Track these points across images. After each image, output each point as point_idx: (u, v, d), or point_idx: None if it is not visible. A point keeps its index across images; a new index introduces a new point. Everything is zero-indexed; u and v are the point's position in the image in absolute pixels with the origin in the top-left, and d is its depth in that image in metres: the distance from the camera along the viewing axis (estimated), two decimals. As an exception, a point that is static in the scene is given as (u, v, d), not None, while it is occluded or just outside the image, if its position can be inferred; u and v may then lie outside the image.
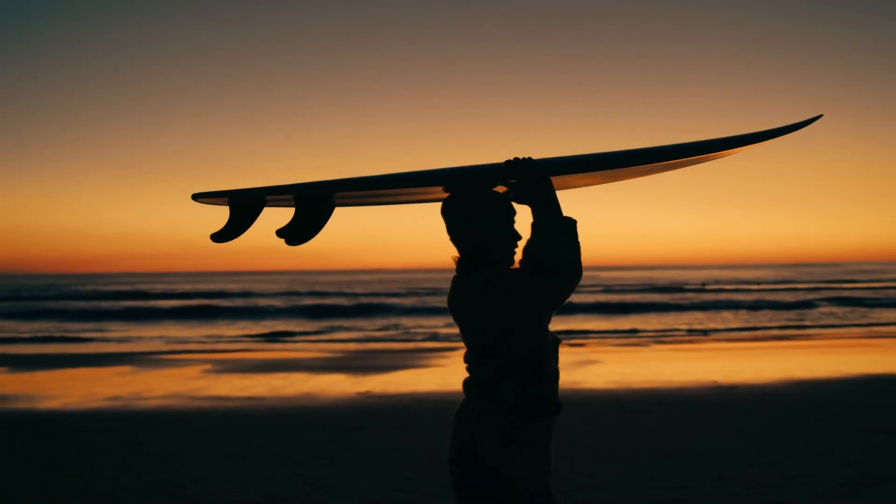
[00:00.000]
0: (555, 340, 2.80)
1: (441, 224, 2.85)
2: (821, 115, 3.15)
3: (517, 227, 2.85)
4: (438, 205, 2.90)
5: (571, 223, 2.67)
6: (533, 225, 2.71)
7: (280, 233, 2.87)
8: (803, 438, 7.89)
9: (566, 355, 16.76)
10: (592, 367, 14.45)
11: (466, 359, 2.80)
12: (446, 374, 13.62)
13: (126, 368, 15.16)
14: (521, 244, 2.82)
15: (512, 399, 2.68)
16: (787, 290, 50.57)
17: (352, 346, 21.21)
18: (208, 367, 15.25)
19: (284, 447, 7.89)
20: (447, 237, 2.88)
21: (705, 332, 24.87)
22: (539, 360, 2.70)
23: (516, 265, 2.84)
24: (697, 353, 17.39)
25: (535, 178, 2.70)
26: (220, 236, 2.93)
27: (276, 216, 2.97)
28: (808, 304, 36.99)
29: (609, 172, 2.99)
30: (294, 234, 2.88)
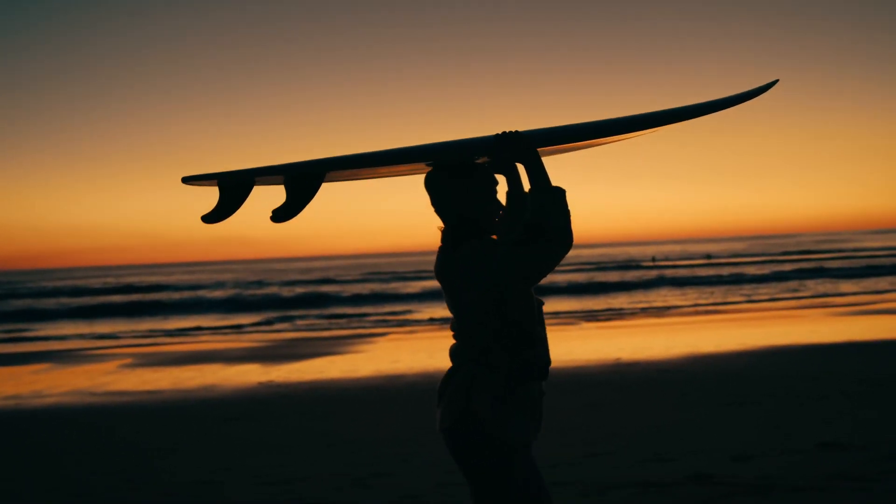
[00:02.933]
0: (539, 305, 2.86)
1: (411, 200, 2.94)
2: (776, 81, 3.22)
3: (499, 197, 2.91)
4: (408, 180, 3.03)
5: (560, 192, 2.74)
6: (510, 195, 2.88)
7: (275, 214, 2.94)
8: (650, 414, 8.07)
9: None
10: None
11: (454, 327, 2.86)
12: (360, 361, 13.67)
13: (44, 366, 15.10)
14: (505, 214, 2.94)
15: (504, 364, 2.74)
16: (733, 265, 51.03)
17: (282, 335, 21.17)
18: (127, 361, 15.22)
19: (139, 439, 8.07)
20: (431, 210, 2.92)
21: (643, 310, 25.08)
22: (529, 326, 2.77)
23: (500, 235, 2.94)
24: (621, 331, 17.56)
25: (523, 150, 2.79)
26: (210, 217, 2.99)
27: (263, 197, 3.07)
28: (750, 278, 37.40)
29: (589, 143, 3.15)
30: (284, 212, 2.95)
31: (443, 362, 12.78)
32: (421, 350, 15.01)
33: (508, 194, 2.97)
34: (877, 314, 18.82)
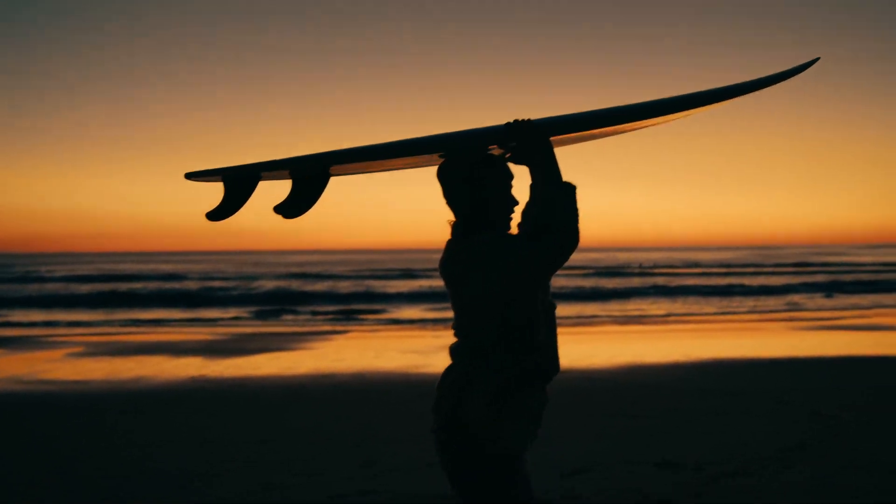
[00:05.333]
0: (550, 307, 2.77)
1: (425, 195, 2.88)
2: (818, 59, 3.05)
3: (514, 192, 2.82)
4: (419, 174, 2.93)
5: (571, 188, 2.66)
6: (532, 188, 2.68)
7: (279, 209, 2.88)
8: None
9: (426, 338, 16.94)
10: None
11: (455, 324, 2.78)
12: (303, 358, 13.69)
13: (-6, 351, 15.16)
14: (519, 209, 2.80)
15: (502, 365, 2.66)
16: (714, 275, 50.92)
17: (243, 329, 21.15)
18: (77, 350, 15.23)
19: (35, 427, 8.13)
20: (443, 202, 2.83)
21: (613, 318, 25.05)
22: (531, 328, 2.68)
23: (514, 230, 2.81)
24: (580, 338, 17.55)
25: (537, 140, 2.68)
26: (215, 214, 2.90)
27: (270, 191, 2.97)
28: (725, 290, 37.35)
29: (607, 131, 2.96)
30: (291, 208, 2.88)
31: (388, 363, 12.83)
32: (370, 349, 15.02)
33: (532, 187, 2.74)
34: (836, 330, 18.75)
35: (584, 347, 14.95)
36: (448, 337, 14.73)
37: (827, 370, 11.38)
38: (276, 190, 2.95)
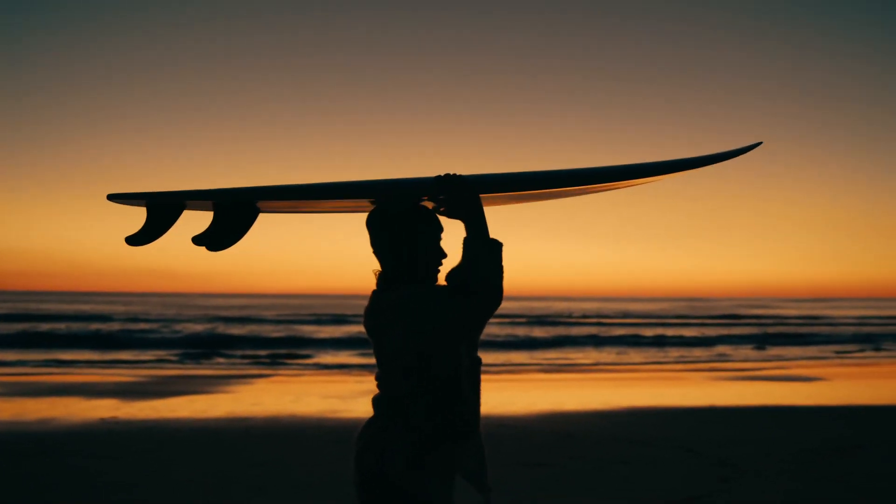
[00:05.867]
0: (476, 362, 2.71)
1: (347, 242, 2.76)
2: (760, 143, 3.05)
3: (443, 244, 2.78)
4: (334, 219, 2.83)
5: (497, 245, 2.61)
6: (464, 239, 2.63)
7: (197, 240, 2.77)
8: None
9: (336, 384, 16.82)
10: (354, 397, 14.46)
11: (378, 377, 2.73)
12: (220, 401, 13.50)
13: None
14: (447, 261, 2.76)
15: (421, 421, 2.61)
16: (644, 325, 51.46)
17: (165, 371, 20.83)
18: (-13, 390, 14.86)
19: None
20: (370, 250, 2.79)
21: (537, 366, 25.11)
22: (454, 383, 2.63)
23: (441, 282, 2.76)
24: (502, 385, 17.53)
25: (464, 196, 2.63)
26: (135, 239, 2.82)
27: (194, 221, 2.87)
28: (653, 341, 37.72)
29: (538, 193, 2.94)
30: (214, 240, 2.78)
31: (305, 407, 12.70)
32: (289, 393, 14.86)
33: (465, 241, 2.69)
34: (755, 381, 18.98)
35: (503, 395, 14.94)
36: (370, 382, 14.71)
37: (741, 420, 11.52)
38: (203, 224, 2.87)
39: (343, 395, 14.64)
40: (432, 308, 2.58)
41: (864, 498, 6.90)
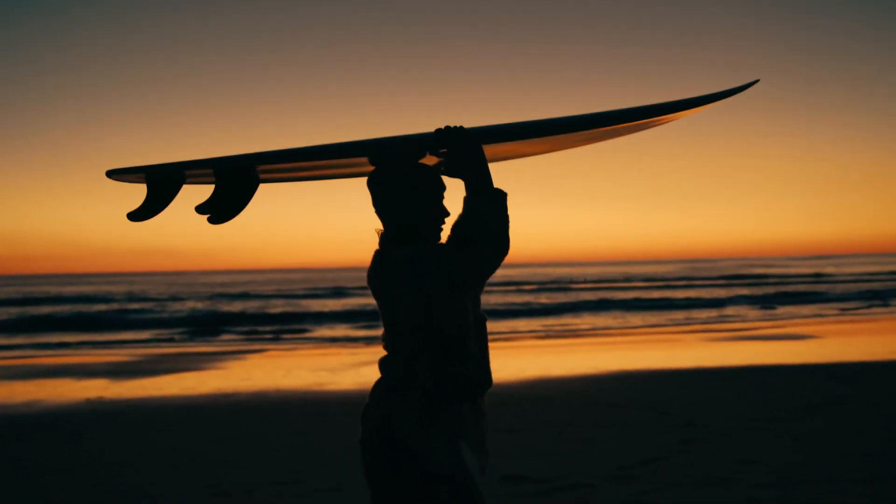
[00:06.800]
0: (480, 319, 2.69)
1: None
2: (757, 80, 3.01)
3: (446, 202, 2.73)
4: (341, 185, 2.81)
5: (502, 195, 2.57)
6: (465, 196, 2.59)
7: (200, 209, 2.73)
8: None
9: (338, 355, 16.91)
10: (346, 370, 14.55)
11: (384, 337, 2.70)
12: (210, 378, 13.58)
13: None
14: (450, 220, 2.71)
15: (429, 379, 2.59)
16: (645, 288, 51.48)
17: (157, 350, 20.92)
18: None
19: None
20: (372, 211, 2.75)
21: (533, 332, 25.19)
22: (460, 340, 2.61)
23: (443, 240, 2.71)
24: (492, 354, 17.56)
25: (467, 147, 2.58)
26: (137, 215, 2.79)
27: (196, 193, 2.84)
28: (653, 304, 37.78)
29: (543, 141, 2.87)
30: (216, 210, 2.75)
31: (294, 381, 12.78)
32: (281, 368, 14.94)
33: (469, 193, 2.63)
34: (749, 340, 19.02)
35: (494, 363, 14.98)
36: (364, 354, 14.82)
37: (722, 381, 11.58)
38: (204, 197, 2.84)
39: (333, 367, 14.72)
40: (439, 265, 2.55)
41: (815, 454, 6.96)
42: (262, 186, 2.86)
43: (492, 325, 28.33)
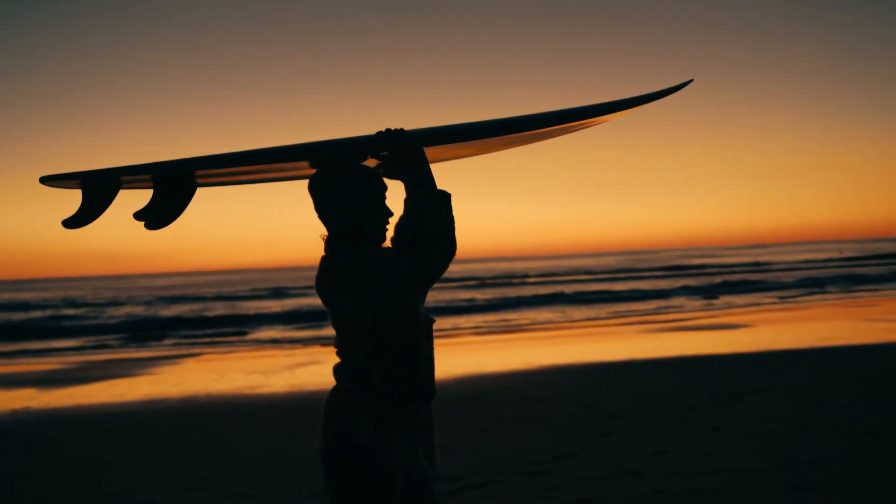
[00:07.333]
0: (428, 321, 2.69)
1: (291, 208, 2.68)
2: (691, 80, 3.03)
3: (388, 203, 2.73)
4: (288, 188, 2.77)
5: (446, 197, 2.59)
6: (407, 199, 2.59)
7: (138, 215, 2.68)
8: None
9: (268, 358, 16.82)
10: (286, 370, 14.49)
11: (336, 343, 2.69)
12: (141, 385, 13.43)
13: None
14: (394, 221, 2.71)
15: (384, 382, 2.59)
16: (585, 281, 51.83)
17: (93, 357, 20.65)
18: None
19: None
20: (315, 215, 2.73)
21: (476, 329, 25.24)
22: (412, 342, 2.62)
23: (388, 243, 2.73)
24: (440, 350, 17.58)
25: (408, 150, 2.59)
26: (72, 222, 2.73)
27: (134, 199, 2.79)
28: (594, 297, 38.05)
29: (482, 143, 2.89)
30: (154, 216, 2.70)
31: (227, 384, 12.69)
32: (214, 372, 14.84)
33: (406, 201, 2.68)
34: (684, 331, 19.22)
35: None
36: (301, 355, 14.72)
37: (651, 372, 11.72)
38: (141, 202, 2.82)
39: (267, 370, 14.64)
40: (385, 269, 2.56)
41: (728, 443, 7.07)
42: (205, 188, 2.87)
43: (435, 322, 28.19)
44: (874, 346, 13.69)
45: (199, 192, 2.87)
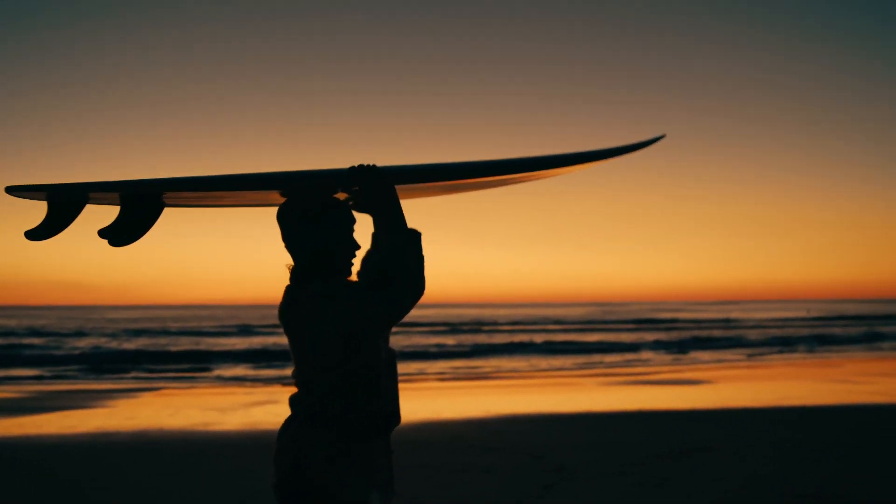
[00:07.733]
0: (391, 356, 2.69)
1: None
2: (663, 136, 3.07)
3: (356, 236, 2.72)
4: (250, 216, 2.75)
5: (416, 235, 2.59)
6: (375, 236, 2.61)
7: (103, 233, 2.64)
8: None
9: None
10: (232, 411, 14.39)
11: (295, 374, 2.66)
12: (92, 418, 13.29)
13: None
14: (360, 254, 2.71)
15: (340, 417, 2.57)
16: (554, 331, 51.81)
17: (50, 387, 20.43)
18: None
19: None
20: (281, 245, 2.71)
21: (440, 375, 25.17)
22: (374, 377, 2.60)
23: (353, 277, 2.73)
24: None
25: (380, 186, 2.58)
26: (35, 234, 2.65)
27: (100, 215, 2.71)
28: (562, 348, 38.04)
29: (453, 183, 2.91)
30: (118, 234, 2.65)
31: (182, 420, 12.57)
32: (170, 407, 14.71)
33: (375, 235, 2.72)
34: (645, 385, 19.24)
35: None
36: (259, 394, 14.66)
37: (604, 424, 11.71)
38: (109, 218, 2.75)
39: (224, 407, 14.53)
40: (353, 303, 2.55)
41: (670, 501, 7.08)
42: (181, 216, 2.86)
43: (400, 367, 27.93)
44: (833, 407, 13.74)
45: (177, 228, 2.90)
